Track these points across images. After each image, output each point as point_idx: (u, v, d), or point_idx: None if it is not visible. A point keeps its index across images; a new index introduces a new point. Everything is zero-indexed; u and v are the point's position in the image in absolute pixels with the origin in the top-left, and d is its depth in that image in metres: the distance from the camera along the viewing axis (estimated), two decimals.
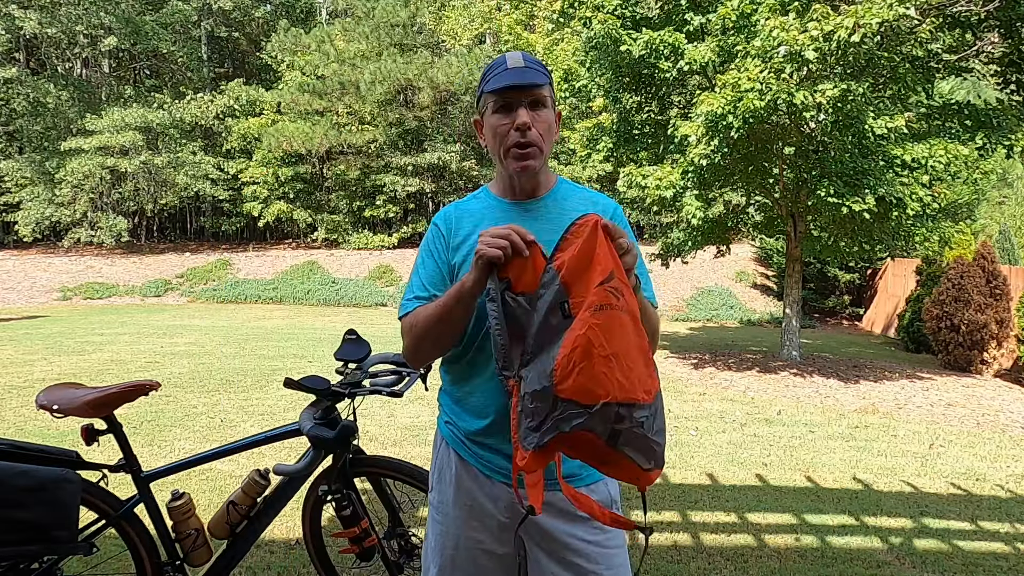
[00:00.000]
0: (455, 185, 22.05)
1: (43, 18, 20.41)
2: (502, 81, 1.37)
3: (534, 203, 1.47)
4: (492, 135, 1.41)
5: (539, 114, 1.39)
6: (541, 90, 1.39)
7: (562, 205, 1.47)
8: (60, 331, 10.67)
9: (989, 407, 6.67)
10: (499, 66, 1.40)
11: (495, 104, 1.39)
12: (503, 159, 1.42)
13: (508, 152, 1.40)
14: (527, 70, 1.38)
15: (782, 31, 6.31)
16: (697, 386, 7.39)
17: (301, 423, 2.11)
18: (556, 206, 1.47)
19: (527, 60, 1.39)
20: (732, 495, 3.93)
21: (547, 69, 1.44)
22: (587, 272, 1.18)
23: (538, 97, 1.39)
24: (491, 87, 1.38)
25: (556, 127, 1.46)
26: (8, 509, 1.75)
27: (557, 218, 1.45)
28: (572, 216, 1.44)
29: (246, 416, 5.41)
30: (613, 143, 9.23)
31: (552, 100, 1.43)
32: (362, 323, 12.70)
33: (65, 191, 20.13)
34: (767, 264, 18.70)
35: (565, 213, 1.45)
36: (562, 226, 1.42)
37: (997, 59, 8.17)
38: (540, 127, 1.39)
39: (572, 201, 1.49)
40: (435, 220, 1.52)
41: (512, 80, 1.36)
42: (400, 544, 2.45)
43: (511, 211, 1.46)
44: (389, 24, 21.46)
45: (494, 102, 1.39)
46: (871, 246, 9.30)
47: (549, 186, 1.50)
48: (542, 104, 1.39)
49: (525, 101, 1.37)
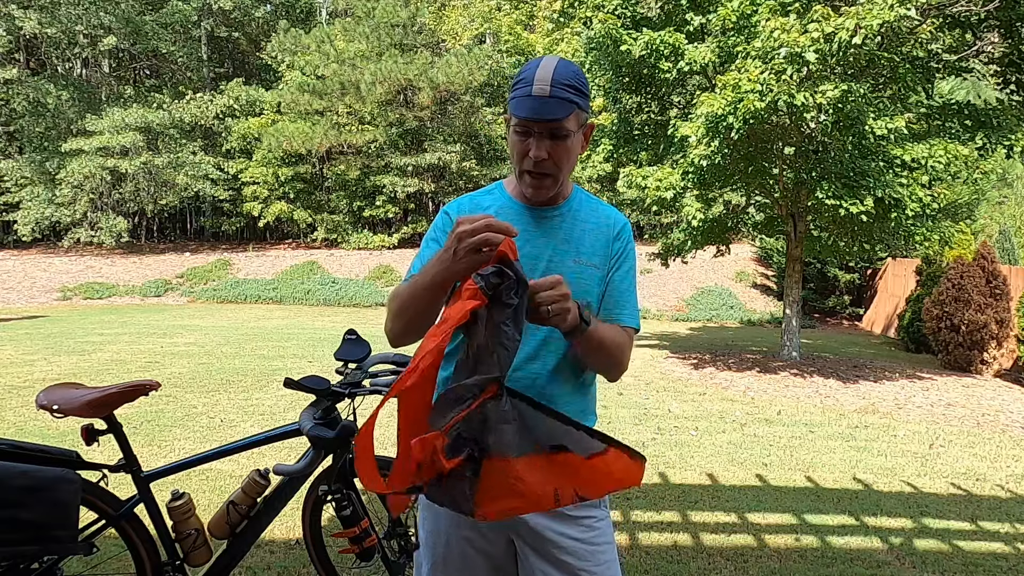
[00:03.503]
0: (455, 185, 22.04)
1: (43, 18, 20.40)
2: (521, 110, 1.31)
3: (550, 211, 1.45)
4: (511, 149, 1.40)
5: (558, 144, 1.33)
6: (563, 122, 1.31)
7: (575, 216, 1.47)
8: (60, 331, 10.67)
9: (989, 407, 6.67)
10: (525, 85, 1.31)
11: (516, 124, 1.35)
12: (519, 174, 1.40)
13: (523, 174, 1.38)
14: (549, 101, 1.29)
15: (783, 32, 6.31)
16: (697, 386, 7.39)
17: (301, 423, 2.11)
18: (569, 216, 1.46)
19: (555, 84, 1.29)
20: (732, 495, 3.93)
21: (580, 86, 1.33)
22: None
23: (560, 128, 1.31)
24: (513, 109, 1.33)
25: (583, 145, 1.41)
26: (8, 509, 1.75)
27: (568, 230, 1.45)
28: (587, 228, 1.46)
29: (246, 416, 5.41)
30: (613, 144, 9.24)
31: (580, 121, 1.36)
32: (362, 323, 12.70)
33: (65, 191, 20.13)
34: (767, 264, 18.70)
35: (576, 226, 1.45)
36: (575, 239, 1.44)
37: (997, 59, 8.19)
38: (558, 156, 1.34)
39: (584, 213, 1.48)
40: (446, 208, 1.51)
41: (530, 114, 1.30)
42: (400, 544, 2.45)
43: (525, 215, 1.44)
44: (389, 24, 21.46)
45: (516, 124, 1.35)
46: (871, 246, 9.31)
47: (565, 195, 1.48)
48: (564, 135, 1.32)
49: (545, 132, 1.31)
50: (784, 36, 6.29)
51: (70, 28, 21.17)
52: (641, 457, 1.28)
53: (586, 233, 1.45)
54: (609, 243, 1.47)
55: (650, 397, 6.71)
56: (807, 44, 6.18)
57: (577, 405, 1.43)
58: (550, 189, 1.40)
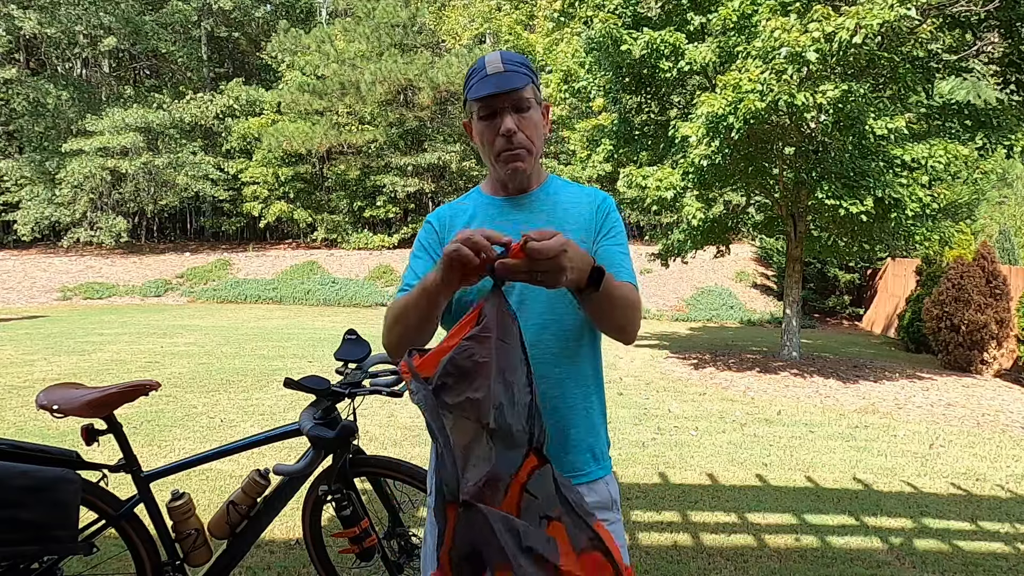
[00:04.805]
0: (455, 185, 22.05)
1: (43, 18, 20.41)
2: (483, 89, 1.35)
3: (524, 197, 1.47)
4: (481, 141, 1.42)
5: (524, 116, 1.37)
6: (523, 92, 1.36)
7: (554, 198, 1.48)
8: (60, 331, 10.67)
9: (989, 407, 6.67)
10: (479, 72, 1.37)
11: (479, 111, 1.38)
12: (494, 164, 1.42)
13: (498, 157, 1.40)
14: (506, 74, 1.35)
15: (783, 32, 6.31)
16: (697, 386, 7.39)
17: (301, 423, 2.11)
18: (548, 199, 1.47)
19: (506, 61, 1.36)
20: (732, 495, 3.93)
21: (528, 65, 1.41)
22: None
23: (521, 99, 1.36)
24: (473, 95, 1.37)
25: (546, 122, 1.45)
26: (8, 509, 1.75)
27: (550, 210, 1.45)
28: (565, 208, 1.45)
29: (246, 416, 5.41)
30: (613, 144, 9.24)
31: (536, 97, 1.41)
32: (362, 323, 12.69)
33: (65, 191, 20.14)
34: (767, 264, 18.70)
35: (558, 205, 1.45)
36: (555, 217, 1.43)
37: (997, 59, 8.18)
38: (527, 130, 1.38)
39: (564, 195, 1.49)
40: (429, 218, 1.52)
41: (493, 89, 1.34)
42: (400, 544, 2.45)
43: (503, 207, 1.46)
44: (389, 24, 21.48)
45: (479, 109, 1.38)
46: (871, 246, 9.31)
47: (540, 181, 1.50)
48: (526, 106, 1.37)
49: (509, 106, 1.36)
50: (785, 36, 6.28)
51: (70, 28, 21.17)
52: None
53: (568, 211, 1.45)
54: (592, 216, 1.46)
55: (650, 397, 6.71)
56: (808, 44, 6.18)
57: (581, 392, 1.42)
58: (527, 164, 1.40)
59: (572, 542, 1.09)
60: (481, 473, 1.04)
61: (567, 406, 1.39)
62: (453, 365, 1.07)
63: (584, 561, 1.08)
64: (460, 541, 1.05)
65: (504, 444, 1.06)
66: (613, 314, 1.28)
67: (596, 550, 1.10)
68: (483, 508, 1.02)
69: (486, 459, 1.05)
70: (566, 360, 1.39)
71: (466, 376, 1.07)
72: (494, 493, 1.04)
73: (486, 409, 1.05)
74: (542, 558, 1.03)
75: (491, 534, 1.01)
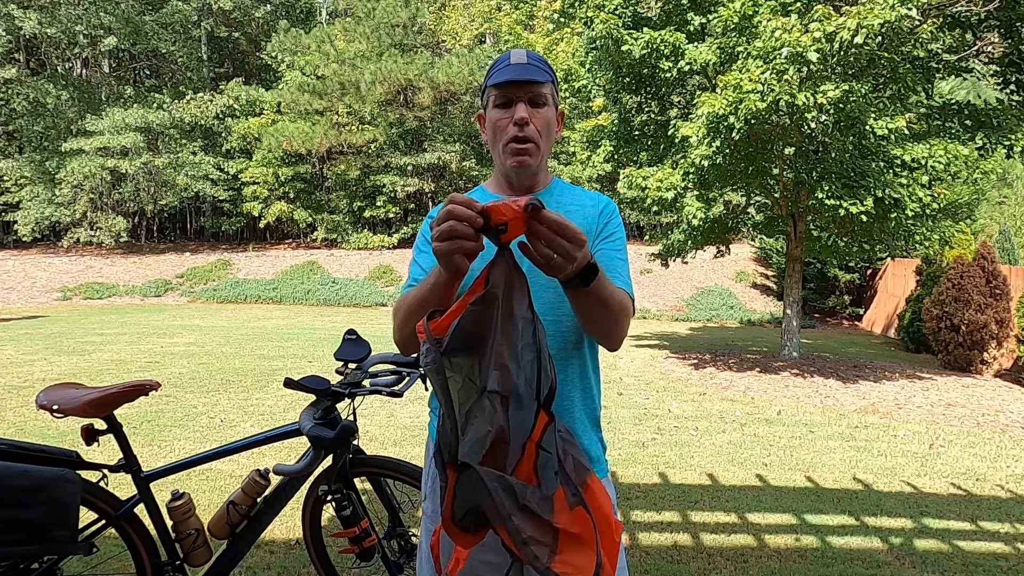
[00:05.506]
0: (455, 185, 22.05)
1: (43, 18, 20.42)
2: (503, 76, 1.38)
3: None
4: (492, 129, 1.43)
5: (538, 112, 1.39)
6: (541, 87, 1.39)
7: (558, 200, 1.48)
8: (60, 331, 10.67)
9: (989, 407, 6.67)
10: (503, 62, 1.41)
11: (496, 99, 1.40)
12: (501, 154, 1.42)
13: (506, 147, 1.40)
14: (528, 67, 1.39)
15: (784, 32, 6.31)
16: (697, 386, 7.39)
17: (301, 423, 2.11)
18: (552, 201, 1.47)
19: (531, 58, 1.41)
20: (732, 495, 3.93)
21: (551, 69, 1.45)
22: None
23: (538, 94, 1.39)
24: (492, 81, 1.40)
25: (558, 126, 1.46)
26: (8, 509, 1.75)
27: (554, 210, 1.44)
28: (568, 211, 1.45)
29: (246, 416, 5.41)
30: (613, 144, 9.23)
31: (554, 99, 1.43)
32: (362, 323, 12.70)
33: (65, 191, 20.15)
34: (767, 264, 18.70)
35: (561, 207, 1.45)
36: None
37: (997, 59, 8.18)
38: (538, 124, 1.39)
39: (568, 198, 1.49)
40: (431, 215, 1.52)
41: (512, 76, 1.37)
42: (400, 544, 2.45)
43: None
44: (389, 24, 21.48)
45: (495, 96, 1.40)
46: (871, 246, 9.31)
47: (546, 184, 1.50)
48: (542, 102, 1.40)
49: (524, 97, 1.38)
50: (785, 36, 6.28)
51: (70, 28, 21.18)
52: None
53: (572, 215, 1.44)
54: (595, 219, 1.46)
55: (650, 397, 6.71)
56: (808, 44, 6.18)
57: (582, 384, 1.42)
58: (534, 158, 1.40)
59: (567, 499, 1.11)
60: (481, 433, 1.05)
61: (564, 409, 1.39)
62: (460, 328, 1.07)
63: (576, 517, 1.11)
64: (460, 500, 1.08)
65: (515, 405, 1.07)
66: (601, 316, 1.26)
67: (579, 505, 1.12)
68: (478, 469, 1.03)
69: (487, 421, 1.05)
70: (564, 363, 1.39)
71: (471, 338, 1.07)
72: (503, 455, 1.05)
73: (487, 372, 1.06)
74: (537, 516, 1.05)
75: (487, 494, 1.03)
